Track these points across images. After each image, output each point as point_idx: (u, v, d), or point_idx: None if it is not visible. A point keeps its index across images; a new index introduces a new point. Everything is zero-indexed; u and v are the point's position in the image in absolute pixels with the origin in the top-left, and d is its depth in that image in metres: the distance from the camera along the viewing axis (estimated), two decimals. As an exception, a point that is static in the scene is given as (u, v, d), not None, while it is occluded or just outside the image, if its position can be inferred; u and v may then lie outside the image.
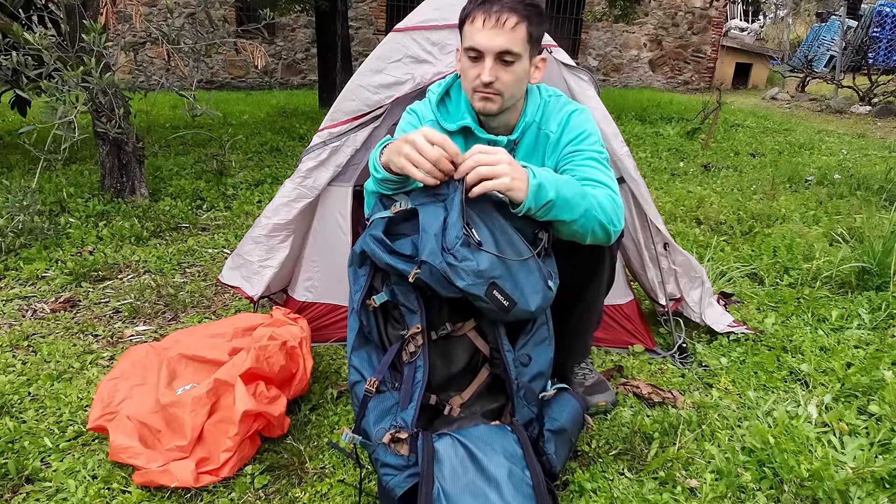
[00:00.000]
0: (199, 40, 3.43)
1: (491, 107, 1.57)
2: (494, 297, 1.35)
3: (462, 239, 1.32)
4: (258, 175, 4.73)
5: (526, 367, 1.48)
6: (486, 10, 1.50)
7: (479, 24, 1.50)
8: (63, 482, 1.58)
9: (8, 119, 6.70)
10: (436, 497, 1.25)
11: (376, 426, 1.37)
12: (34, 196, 3.26)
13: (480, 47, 1.51)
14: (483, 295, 1.33)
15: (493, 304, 1.35)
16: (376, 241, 1.42)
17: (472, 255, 1.32)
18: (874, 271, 2.82)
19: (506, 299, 1.36)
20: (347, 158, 2.13)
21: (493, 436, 1.37)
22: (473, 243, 1.33)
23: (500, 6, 1.49)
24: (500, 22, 1.49)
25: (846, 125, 8.51)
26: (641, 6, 9.85)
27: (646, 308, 2.50)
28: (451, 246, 1.32)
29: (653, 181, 4.91)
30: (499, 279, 1.34)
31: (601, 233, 1.50)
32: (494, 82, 1.52)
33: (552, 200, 1.38)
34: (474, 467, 1.29)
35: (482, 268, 1.32)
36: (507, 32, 1.49)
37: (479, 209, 1.39)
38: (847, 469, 1.54)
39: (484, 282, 1.33)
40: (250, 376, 1.66)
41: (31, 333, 2.38)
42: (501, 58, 1.51)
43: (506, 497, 1.25)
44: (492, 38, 1.49)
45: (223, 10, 10.18)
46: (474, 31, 1.51)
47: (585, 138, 1.63)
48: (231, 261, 2.30)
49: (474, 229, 1.36)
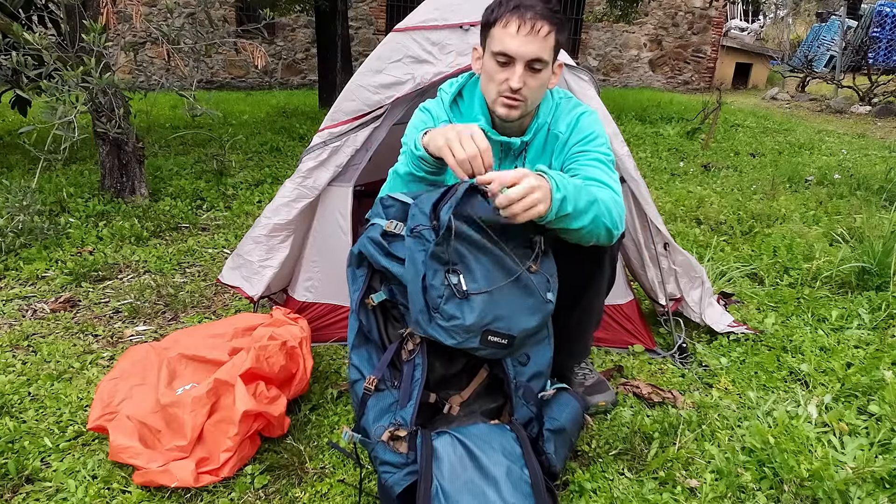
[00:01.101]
0: (199, 40, 3.43)
1: (514, 114, 1.57)
2: (491, 343, 1.35)
3: (445, 295, 1.31)
4: (258, 175, 4.73)
5: (524, 367, 1.48)
6: (522, 16, 1.49)
7: (513, 29, 1.49)
8: (63, 482, 1.58)
9: (8, 119, 6.70)
10: (434, 495, 1.25)
11: (375, 424, 1.38)
12: (34, 196, 3.27)
13: (513, 53, 1.50)
14: (479, 345, 1.34)
15: (490, 348, 1.36)
16: (374, 244, 1.44)
17: (459, 312, 1.31)
18: (874, 271, 2.82)
19: (502, 338, 1.35)
20: (348, 158, 2.13)
21: (492, 434, 1.37)
22: (458, 294, 1.31)
23: (535, 13, 1.49)
24: (534, 29, 1.48)
25: (846, 125, 8.51)
26: (641, 6, 9.84)
27: (646, 308, 2.50)
28: (436, 305, 1.31)
29: (653, 181, 4.91)
30: (492, 323, 1.34)
31: (605, 236, 1.50)
32: (522, 88, 1.53)
33: (570, 213, 1.37)
34: (473, 465, 1.30)
35: (470, 323, 1.31)
36: (540, 40, 1.49)
37: (463, 237, 1.33)
38: (847, 469, 1.54)
39: (475, 334, 1.33)
40: (250, 376, 1.66)
41: (31, 333, 2.38)
42: (531, 65, 1.51)
43: (504, 495, 1.26)
44: (525, 44, 1.49)
45: (223, 10, 10.18)
46: (506, 37, 1.50)
47: (593, 139, 1.64)
48: (231, 261, 2.30)
49: (459, 270, 1.32)
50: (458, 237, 1.32)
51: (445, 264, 1.32)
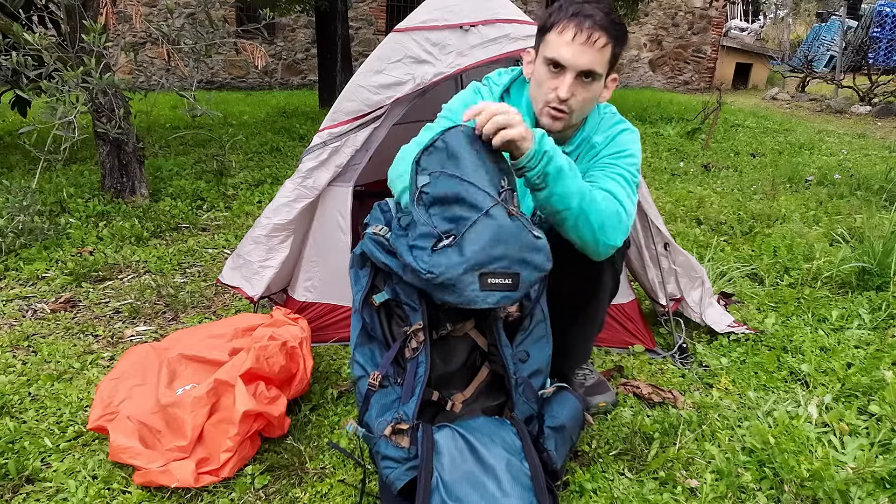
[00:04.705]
0: (199, 40, 3.43)
1: (558, 125, 1.55)
2: (493, 286, 1.25)
3: (429, 251, 1.26)
4: (258, 175, 4.73)
5: (524, 364, 1.48)
6: (579, 24, 1.44)
7: (569, 36, 1.44)
8: (63, 482, 1.58)
9: (8, 119, 6.70)
10: (434, 486, 1.27)
11: (378, 419, 1.38)
12: (34, 196, 3.27)
13: (565, 62, 1.46)
14: (480, 291, 1.24)
15: (496, 292, 1.26)
16: (374, 242, 1.45)
17: (446, 260, 1.24)
18: (874, 271, 2.82)
19: (505, 278, 1.25)
20: (348, 159, 2.13)
21: (492, 428, 1.39)
22: (438, 247, 1.25)
23: (594, 22, 1.43)
24: (590, 39, 1.43)
25: (846, 125, 8.51)
26: (642, 6, 9.84)
27: (646, 308, 2.50)
28: (425, 264, 1.25)
29: (653, 181, 4.91)
30: (487, 265, 1.24)
31: (588, 234, 1.46)
32: (570, 99, 1.49)
33: (548, 152, 1.34)
34: (473, 458, 1.31)
35: (461, 271, 1.23)
36: (595, 51, 1.45)
37: (444, 206, 1.29)
38: (847, 469, 1.54)
39: (472, 280, 1.24)
40: (250, 376, 1.66)
41: (32, 334, 2.38)
42: (583, 76, 1.47)
43: (504, 487, 1.27)
44: (579, 54, 1.45)
45: (223, 10, 10.16)
46: (561, 43, 1.46)
47: (626, 157, 1.60)
48: (231, 261, 2.30)
49: (454, 232, 1.27)
50: (435, 203, 1.29)
51: (435, 236, 1.27)
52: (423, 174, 1.33)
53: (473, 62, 2.06)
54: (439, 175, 1.31)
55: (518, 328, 1.50)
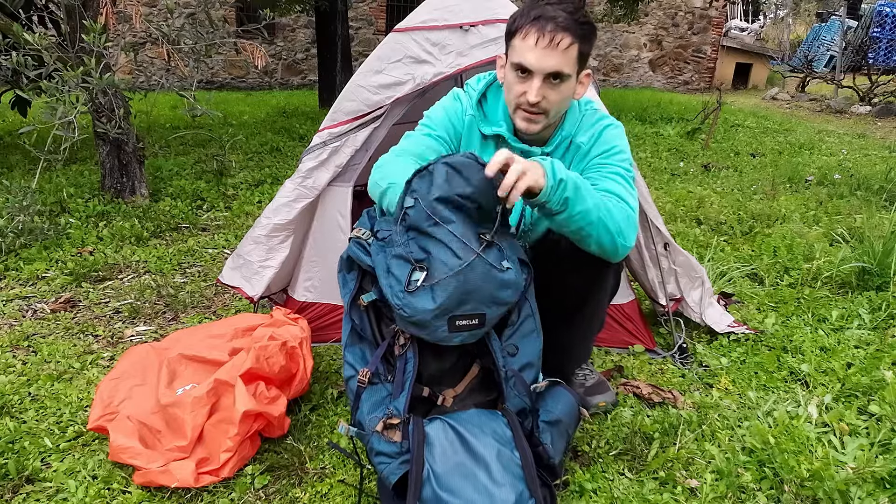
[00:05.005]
0: (199, 40, 3.43)
1: (534, 127, 1.55)
2: (461, 327, 1.34)
3: (403, 291, 1.32)
4: (258, 175, 4.73)
5: (513, 357, 1.48)
6: (541, 28, 1.43)
7: (532, 41, 1.44)
8: (63, 482, 1.58)
9: (8, 119, 6.70)
10: (426, 478, 1.27)
11: (370, 416, 1.39)
12: (34, 196, 3.27)
13: (530, 66, 1.46)
14: (448, 333, 1.33)
15: (463, 332, 1.35)
16: (358, 245, 1.48)
17: (419, 305, 1.31)
18: (874, 271, 2.82)
19: (472, 319, 1.34)
20: (347, 159, 2.14)
21: (482, 419, 1.39)
22: (413, 288, 1.31)
23: (556, 25, 1.43)
24: (553, 42, 1.43)
25: (846, 125, 8.51)
26: (641, 6, 9.84)
27: (646, 308, 2.50)
28: (400, 303, 1.32)
29: (653, 181, 4.91)
30: (456, 308, 1.32)
31: (608, 241, 1.46)
32: (541, 102, 1.49)
33: (564, 180, 1.34)
34: (463, 449, 1.32)
35: (431, 315, 1.30)
36: (559, 53, 1.44)
37: (419, 230, 1.35)
38: (847, 469, 1.54)
39: (441, 322, 1.32)
40: (250, 376, 1.66)
41: (32, 334, 2.38)
42: (550, 78, 1.48)
43: (494, 476, 1.28)
44: (543, 58, 1.45)
45: (223, 10, 10.16)
46: (525, 49, 1.46)
47: (616, 153, 1.60)
48: (231, 261, 2.30)
49: (426, 265, 1.33)
50: (412, 229, 1.34)
51: (409, 262, 1.33)
52: (410, 195, 1.36)
53: (473, 62, 2.06)
54: (423, 209, 1.34)
55: (506, 323, 1.51)
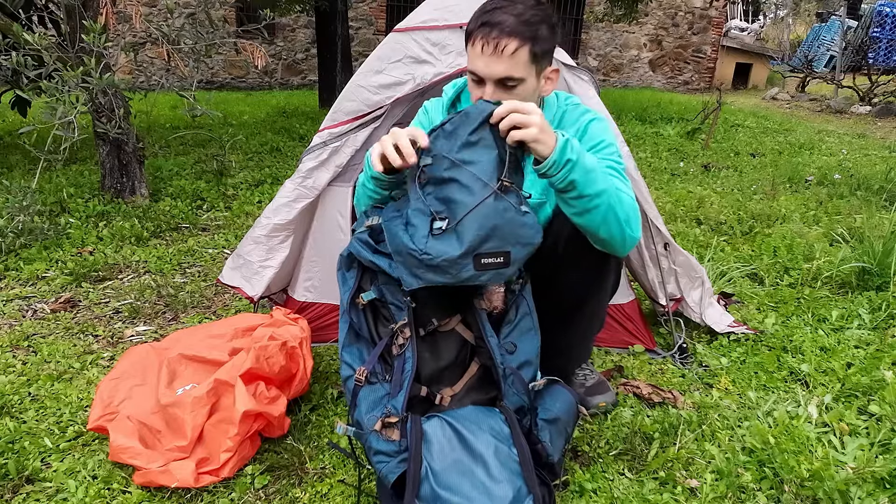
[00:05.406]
0: (199, 40, 3.43)
1: None
2: (486, 265, 1.30)
3: (428, 238, 1.29)
4: (258, 175, 4.73)
5: (511, 355, 1.48)
6: (486, 36, 1.41)
7: (479, 49, 1.44)
8: (63, 482, 1.58)
9: (8, 119, 6.70)
10: (424, 475, 1.28)
11: (368, 415, 1.39)
12: (34, 196, 3.27)
13: (480, 73, 1.46)
14: (475, 272, 1.30)
15: (489, 271, 1.31)
16: (361, 243, 1.48)
17: (445, 246, 1.28)
18: (874, 271, 2.82)
19: (497, 257, 1.30)
20: (348, 159, 2.13)
21: (479, 415, 1.40)
22: (438, 232, 1.29)
23: (500, 31, 1.40)
24: (498, 49, 1.41)
25: (846, 125, 8.51)
26: (641, 6, 9.84)
27: (646, 308, 2.50)
28: (423, 248, 1.29)
29: (653, 181, 4.91)
30: (481, 246, 1.29)
31: (617, 231, 1.44)
32: None
33: (572, 160, 1.32)
34: (461, 445, 1.32)
35: (458, 253, 1.27)
36: (505, 59, 1.42)
37: (439, 187, 1.34)
38: (847, 469, 1.54)
39: (468, 262, 1.29)
40: (250, 376, 1.66)
41: (32, 334, 2.38)
42: (503, 83, 1.46)
43: (492, 472, 1.28)
44: (490, 65, 1.43)
45: (223, 10, 10.16)
46: (474, 56, 1.45)
47: (604, 147, 1.58)
48: (231, 261, 2.30)
49: (445, 215, 1.31)
50: (430, 183, 1.33)
51: (429, 213, 1.31)
52: (426, 155, 1.35)
53: (473, 62, 2.06)
54: (441, 157, 1.33)
55: (503, 321, 1.51)
